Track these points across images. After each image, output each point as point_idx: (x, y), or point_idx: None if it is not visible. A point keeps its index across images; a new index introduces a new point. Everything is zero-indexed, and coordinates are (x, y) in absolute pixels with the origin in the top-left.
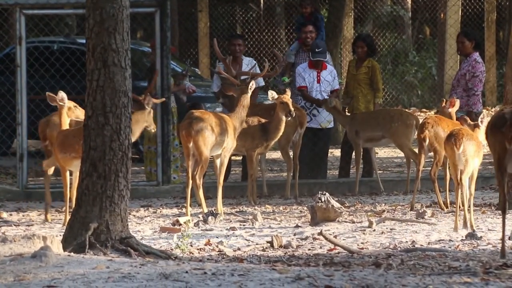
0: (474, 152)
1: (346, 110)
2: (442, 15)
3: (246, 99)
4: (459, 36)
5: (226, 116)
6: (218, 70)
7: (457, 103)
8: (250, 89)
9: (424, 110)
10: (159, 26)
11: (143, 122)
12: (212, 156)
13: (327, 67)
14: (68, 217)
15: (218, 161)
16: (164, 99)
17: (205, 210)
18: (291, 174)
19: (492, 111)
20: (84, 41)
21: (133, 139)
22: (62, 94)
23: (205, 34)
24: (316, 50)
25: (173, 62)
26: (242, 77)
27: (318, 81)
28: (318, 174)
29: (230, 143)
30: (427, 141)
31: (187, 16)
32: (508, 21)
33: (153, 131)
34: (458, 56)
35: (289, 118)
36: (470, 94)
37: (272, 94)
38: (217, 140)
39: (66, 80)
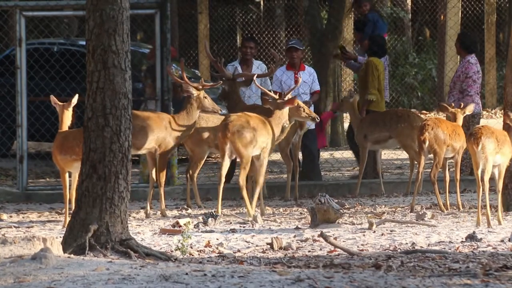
0: (494, 149)
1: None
2: (442, 17)
3: (281, 113)
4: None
5: (266, 118)
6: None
7: (470, 107)
8: (282, 105)
9: (424, 111)
10: (159, 28)
11: (196, 111)
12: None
13: (305, 68)
14: (68, 219)
15: (256, 162)
16: (220, 82)
17: (251, 212)
18: (291, 175)
19: (492, 113)
20: (84, 42)
21: (190, 132)
22: (75, 98)
23: (205, 36)
24: (290, 42)
25: (173, 63)
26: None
27: (296, 82)
28: (311, 176)
29: (270, 144)
30: (427, 143)
31: (187, 17)
32: (508, 22)
33: (219, 112)
34: (458, 57)
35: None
36: (464, 95)
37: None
38: (255, 142)
39: (66, 81)
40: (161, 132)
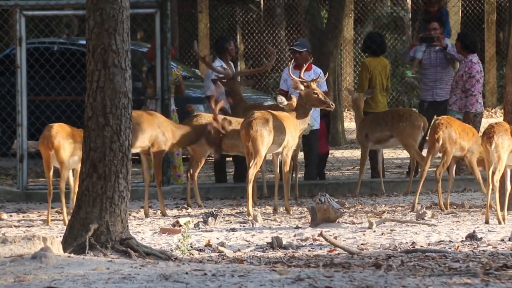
0: (508, 147)
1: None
2: None
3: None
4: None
5: (288, 115)
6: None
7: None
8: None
9: None
10: (159, 27)
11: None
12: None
13: (312, 68)
14: (50, 216)
15: (277, 159)
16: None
17: (251, 211)
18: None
19: (492, 112)
20: (84, 42)
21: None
22: None
23: (205, 35)
24: (294, 43)
25: (173, 63)
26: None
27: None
28: (308, 174)
29: (292, 141)
30: (441, 142)
31: (187, 17)
32: (508, 22)
33: None
34: None
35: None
36: (468, 95)
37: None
38: (275, 139)
39: (66, 81)
40: (154, 131)
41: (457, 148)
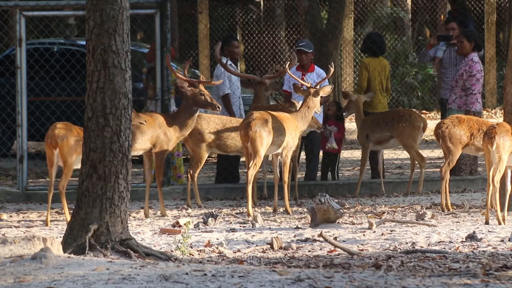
0: (509, 148)
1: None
2: (442, 16)
3: (312, 101)
4: (459, 36)
5: (288, 115)
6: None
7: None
8: (317, 93)
9: (424, 111)
10: (159, 27)
11: (193, 109)
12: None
13: (314, 69)
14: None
15: (277, 160)
16: (219, 81)
17: (251, 212)
18: (291, 176)
19: (492, 113)
20: (84, 42)
21: (189, 131)
22: None
23: (205, 36)
24: (300, 44)
25: (173, 63)
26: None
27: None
28: (309, 175)
29: (291, 142)
30: (441, 140)
31: (187, 17)
32: (508, 22)
33: (219, 110)
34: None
35: (319, 131)
36: (468, 93)
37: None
38: (274, 140)
39: (66, 81)
40: (155, 132)
41: (471, 148)
